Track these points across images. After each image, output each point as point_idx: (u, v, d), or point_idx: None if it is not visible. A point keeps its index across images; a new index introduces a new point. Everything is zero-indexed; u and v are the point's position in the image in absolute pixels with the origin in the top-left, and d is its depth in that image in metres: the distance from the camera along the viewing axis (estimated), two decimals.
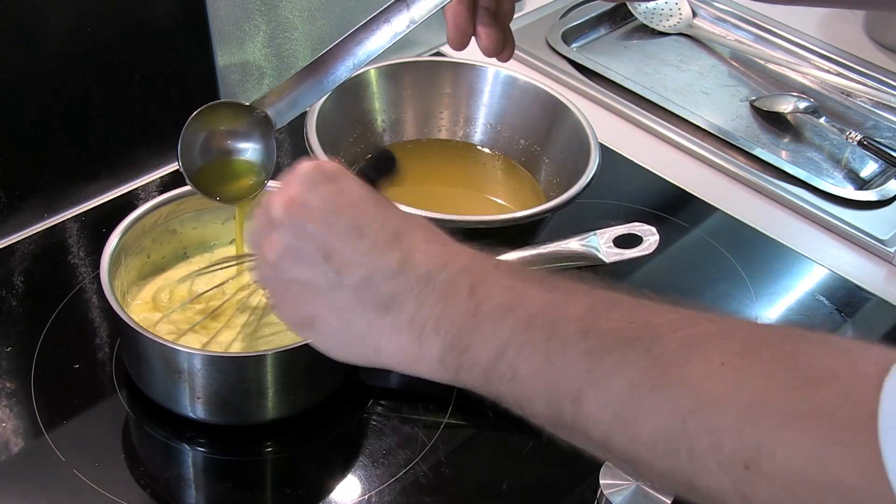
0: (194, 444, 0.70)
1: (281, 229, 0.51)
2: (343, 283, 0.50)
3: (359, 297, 0.50)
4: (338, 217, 0.51)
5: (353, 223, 0.51)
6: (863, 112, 1.11)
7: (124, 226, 0.71)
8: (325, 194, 0.51)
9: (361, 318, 0.50)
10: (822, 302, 0.87)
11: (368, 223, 0.51)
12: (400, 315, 0.49)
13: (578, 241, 0.76)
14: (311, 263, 0.50)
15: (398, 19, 0.65)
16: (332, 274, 0.50)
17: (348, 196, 0.52)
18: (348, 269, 0.50)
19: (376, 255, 0.50)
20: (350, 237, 0.50)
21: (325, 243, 0.50)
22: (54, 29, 0.79)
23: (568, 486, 0.69)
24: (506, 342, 0.47)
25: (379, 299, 0.49)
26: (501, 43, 0.70)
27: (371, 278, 0.50)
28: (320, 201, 0.51)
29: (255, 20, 0.94)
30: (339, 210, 0.51)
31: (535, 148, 0.93)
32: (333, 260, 0.50)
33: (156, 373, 0.68)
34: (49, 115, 0.83)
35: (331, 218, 0.51)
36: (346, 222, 0.51)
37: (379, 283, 0.49)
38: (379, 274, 0.50)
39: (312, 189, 0.51)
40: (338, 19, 1.02)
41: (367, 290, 0.50)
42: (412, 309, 0.49)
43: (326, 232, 0.50)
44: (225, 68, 0.94)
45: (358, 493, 0.67)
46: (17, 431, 0.69)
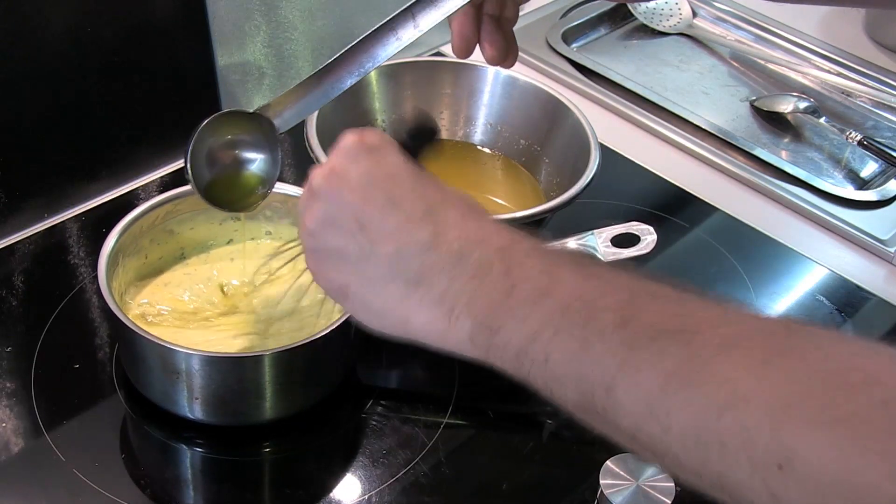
0: (193, 445, 0.70)
1: (321, 199, 0.53)
2: (375, 253, 0.50)
3: (390, 269, 0.50)
4: (374, 188, 0.52)
5: (389, 195, 0.51)
6: (863, 112, 1.11)
7: (122, 226, 0.71)
8: (365, 165, 0.52)
9: (392, 290, 0.50)
10: (822, 302, 0.87)
11: (404, 196, 0.51)
12: (430, 290, 0.49)
13: (576, 240, 0.76)
14: (347, 233, 0.51)
15: (405, 30, 0.65)
16: (366, 244, 0.51)
17: (387, 167, 0.53)
18: (381, 240, 0.50)
19: (409, 229, 0.50)
20: (385, 209, 0.51)
21: (361, 214, 0.51)
22: (54, 29, 0.79)
23: (568, 486, 0.69)
24: (541, 326, 0.46)
25: (409, 273, 0.50)
26: (505, 51, 0.71)
27: (402, 251, 0.50)
28: (359, 172, 0.52)
29: (255, 20, 0.94)
30: (376, 181, 0.52)
31: (535, 148, 0.93)
32: (368, 231, 0.51)
33: (154, 373, 0.68)
34: (49, 115, 0.83)
35: (368, 189, 0.52)
36: (383, 194, 0.51)
37: (409, 257, 0.50)
38: (410, 247, 0.50)
39: (353, 160, 0.53)
40: (338, 19, 1.02)
41: (397, 263, 0.50)
42: (443, 285, 0.49)
43: (362, 203, 0.51)
44: (225, 68, 0.94)
45: (358, 493, 0.67)
46: (17, 431, 0.69)
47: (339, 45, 1.02)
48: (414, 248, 0.50)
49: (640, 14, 1.21)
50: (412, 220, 0.50)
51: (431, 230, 0.50)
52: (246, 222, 0.78)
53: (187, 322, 0.72)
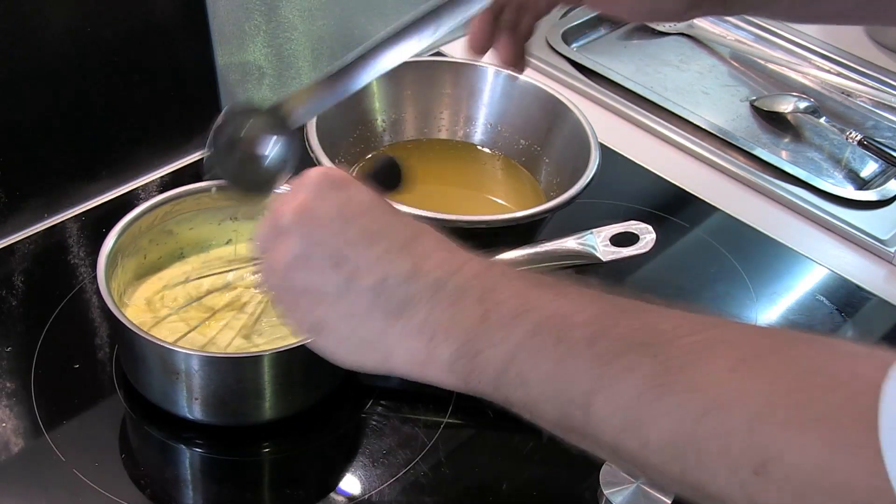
0: (193, 445, 0.70)
1: (290, 237, 0.51)
2: (354, 289, 0.50)
3: (370, 302, 0.50)
4: (349, 224, 0.51)
5: (364, 230, 0.51)
6: (863, 112, 1.11)
7: (121, 227, 0.71)
8: (335, 202, 0.51)
9: (372, 323, 0.50)
10: (822, 302, 0.87)
11: (379, 230, 0.51)
12: (411, 321, 0.49)
13: (575, 239, 0.76)
14: (321, 271, 0.50)
15: (426, 31, 0.65)
16: (342, 280, 0.50)
17: (358, 204, 0.52)
18: (360, 274, 0.50)
19: (388, 261, 0.50)
20: (361, 244, 0.50)
21: (336, 251, 0.50)
22: (54, 29, 0.79)
23: (568, 486, 0.69)
24: (515, 348, 0.47)
25: (390, 305, 0.50)
26: (515, 58, 0.74)
27: (383, 283, 0.50)
28: (330, 209, 0.51)
29: (255, 20, 0.94)
30: (349, 217, 0.51)
31: (536, 148, 0.93)
32: (344, 267, 0.50)
33: (153, 374, 0.68)
34: (49, 115, 0.83)
35: (341, 225, 0.51)
36: (358, 229, 0.51)
37: (391, 289, 0.50)
38: (391, 279, 0.50)
39: (322, 197, 0.51)
40: (338, 19, 1.02)
41: (378, 296, 0.50)
42: (423, 314, 0.49)
43: (337, 239, 0.50)
44: (225, 68, 0.94)
45: (358, 494, 0.67)
46: (17, 431, 0.69)
47: (340, 44, 1.03)
48: (394, 280, 0.50)
49: None
50: (390, 253, 0.50)
51: (411, 262, 0.50)
52: (245, 222, 0.78)
53: (186, 322, 0.72)
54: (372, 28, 1.06)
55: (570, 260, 0.76)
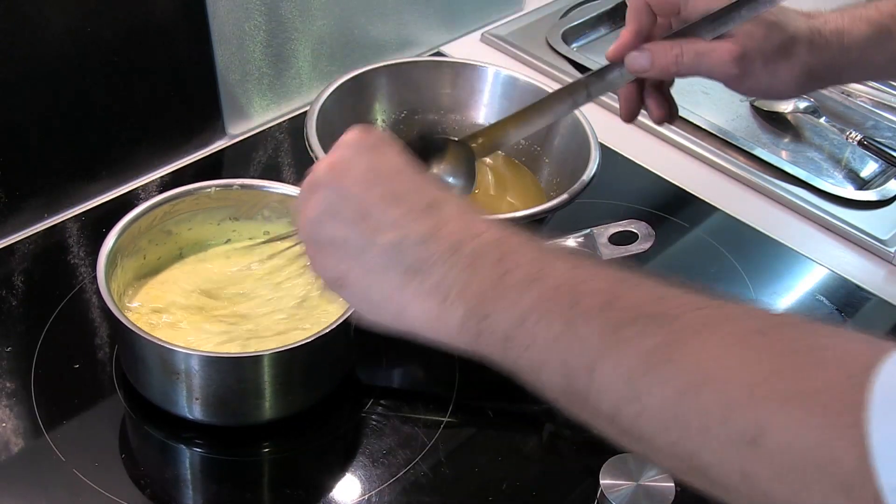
0: (193, 445, 0.70)
1: (323, 189, 0.53)
2: (374, 245, 0.51)
3: (389, 259, 0.51)
4: (377, 182, 0.53)
5: (391, 189, 0.52)
6: (863, 112, 1.11)
7: (120, 227, 0.71)
8: (369, 159, 0.53)
9: (389, 279, 0.51)
10: (822, 302, 0.87)
11: (406, 191, 0.52)
12: (426, 280, 0.50)
13: (575, 238, 0.76)
14: (348, 223, 0.52)
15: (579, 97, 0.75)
16: (367, 234, 0.51)
17: (390, 164, 0.54)
18: (381, 231, 0.51)
19: (409, 221, 0.51)
20: (386, 202, 0.52)
21: (363, 205, 0.52)
22: (54, 29, 0.79)
23: (568, 486, 0.69)
24: (528, 310, 0.47)
25: (407, 263, 0.51)
26: (669, 111, 0.77)
27: (402, 242, 0.51)
28: (363, 166, 0.53)
29: (255, 20, 0.94)
30: (379, 175, 0.53)
31: (536, 148, 0.93)
32: (368, 222, 0.52)
33: (153, 374, 0.68)
34: (49, 115, 0.83)
35: (370, 182, 0.52)
36: (385, 187, 0.52)
37: (409, 248, 0.51)
38: (410, 238, 0.51)
39: (357, 154, 0.54)
40: (338, 19, 1.02)
41: (397, 254, 0.51)
42: (439, 275, 0.50)
43: (365, 194, 0.52)
44: (225, 68, 0.94)
45: (358, 493, 0.67)
46: (17, 431, 0.69)
47: (340, 44, 1.04)
48: (413, 239, 0.51)
49: None
50: (413, 213, 0.51)
51: (431, 223, 0.51)
52: (244, 222, 0.78)
53: (186, 322, 0.72)
54: (372, 28, 1.06)
55: None
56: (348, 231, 0.52)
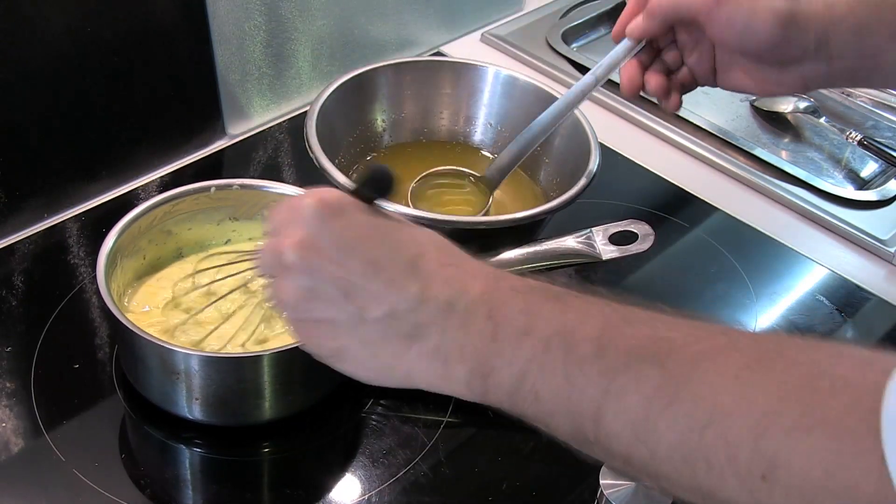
0: (193, 445, 0.70)
1: (297, 273, 0.51)
2: (366, 319, 0.51)
3: (384, 329, 0.51)
4: (351, 253, 0.51)
5: (367, 258, 0.51)
6: (863, 112, 1.11)
7: (120, 227, 0.71)
8: (335, 231, 0.51)
9: (389, 349, 0.51)
10: (822, 302, 0.87)
11: (382, 255, 0.51)
12: (426, 344, 0.50)
13: (575, 238, 0.76)
14: (333, 303, 0.51)
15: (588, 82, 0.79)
16: (355, 310, 0.51)
17: (357, 229, 0.52)
18: (369, 305, 0.50)
19: (396, 288, 0.50)
20: (366, 273, 0.51)
21: (343, 282, 0.51)
22: (54, 29, 0.79)
23: (568, 486, 0.69)
24: (526, 365, 0.48)
25: (404, 331, 0.50)
26: (666, 89, 0.77)
27: (393, 312, 0.50)
28: (331, 239, 0.51)
29: (255, 20, 0.94)
30: (351, 246, 0.51)
31: (536, 148, 0.92)
32: (354, 297, 0.51)
33: (153, 374, 0.68)
34: (49, 116, 0.83)
35: (344, 255, 0.51)
36: (360, 258, 0.51)
37: (402, 315, 0.50)
38: (401, 306, 0.50)
39: (321, 227, 0.51)
40: (338, 19, 1.02)
41: (391, 323, 0.50)
42: (436, 338, 0.50)
43: (342, 270, 0.51)
44: (225, 68, 0.94)
45: (357, 493, 0.67)
46: (17, 431, 0.69)
47: (340, 44, 1.04)
48: (404, 307, 0.50)
49: None
50: (396, 280, 0.50)
51: (417, 286, 0.50)
52: (244, 222, 0.78)
53: (185, 322, 0.72)
54: (372, 28, 1.06)
55: (569, 258, 0.76)
56: (335, 311, 0.51)
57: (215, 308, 0.72)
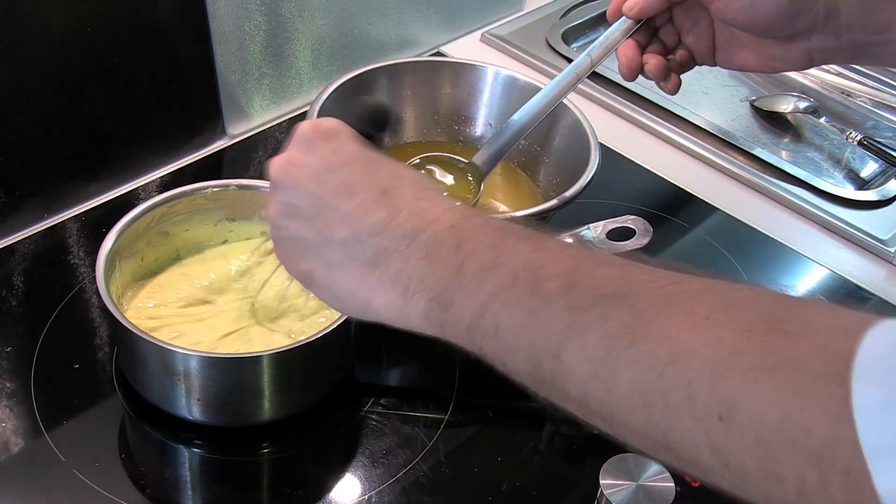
0: (192, 445, 0.70)
1: (280, 189, 0.54)
2: (332, 239, 0.51)
3: (347, 253, 0.51)
4: (330, 175, 0.52)
5: (344, 181, 0.52)
6: (863, 112, 1.11)
7: (118, 229, 0.71)
8: (321, 153, 0.53)
9: (350, 274, 0.51)
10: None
11: (358, 181, 0.52)
12: (386, 271, 0.50)
13: (571, 234, 0.76)
14: (305, 220, 0.52)
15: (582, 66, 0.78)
16: (324, 230, 0.52)
17: (342, 154, 0.53)
18: (336, 226, 0.51)
19: (363, 213, 0.51)
20: (340, 195, 0.52)
21: (317, 201, 0.52)
22: (54, 29, 0.79)
23: (568, 486, 0.69)
24: (489, 298, 0.47)
25: (365, 256, 0.51)
26: (664, 72, 0.76)
27: (357, 235, 0.51)
28: (315, 160, 0.53)
29: (255, 20, 0.94)
30: (331, 168, 0.53)
31: (536, 148, 0.92)
32: (324, 217, 0.52)
33: (153, 375, 0.68)
34: (49, 115, 0.83)
35: (323, 176, 0.52)
36: (338, 180, 0.52)
37: (365, 240, 0.51)
38: (365, 231, 0.51)
39: (309, 149, 0.54)
40: (338, 19, 1.02)
41: (354, 247, 0.51)
42: (397, 265, 0.50)
43: (319, 190, 0.52)
44: (225, 68, 0.94)
45: (358, 493, 0.67)
46: (17, 431, 0.69)
47: (340, 44, 1.04)
48: (368, 231, 0.51)
49: None
50: (366, 205, 0.51)
51: (385, 213, 0.51)
52: (241, 223, 0.78)
53: (184, 323, 0.72)
54: (372, 28, 1.06)
55: None
56: (307, 229, 0.52)
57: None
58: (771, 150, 1.03)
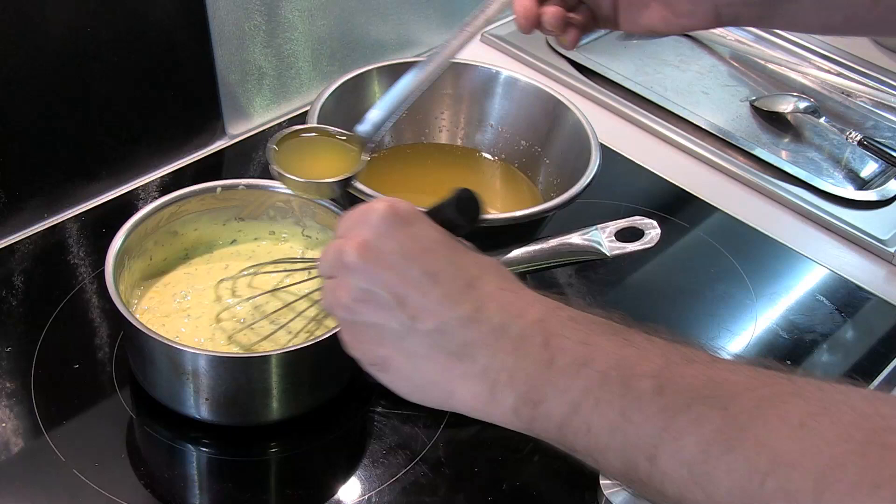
0: (196, 445, 0.70)
1: (355, 274, 0.51)
2: (416, 329, 0.50)
3: (432, 344, 0.50)
4: (411, 263, 0.51)
5: (427, 269, 0.51)
6: (863, 112, 1.11)
7: (127, 228, 0.71)
8: (400, 239, 0.51)
9: (434, 364, 0.50)
10: (822, 302, 0.87)
11: (442, 270, 0.51)
12: (474, 364, 0.49)
13: (580, 235, 0.75)
14: (385, 309, 0.51)
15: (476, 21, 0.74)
16: (406, 320, 0.50)
17: (422, 241, 0.52)
18: (421, 316, 0.50)
19: (449, 303, 0.50)
20: (423, 284, 0.50)
21: (399, 289, 0.50)
22: (54, 29, 0.79)
23: (568, 486, 0.69)
24: (581, 396, 0.47)
25: (452, 347, 0.50)
26: (563, 21, 0.73)
27: (444, 326, 0.50)
28: (394, 246, 0.51)
29: (255, 20, 0.94)
30: (412, 256, 0.51)
31: (536, 148, 0.92)
32: (407, 306, 0.50)
33: (163, 374, 0.68)
34: (49, 116, 0.83)
35: (404, 264, 0.51)
36: (420, 268, 0.51)
37: (452, 332, 0.49)
38: (452, 322, 0.50)
39: (386, 233, 0.52)
40: (338, 19, 1.02)
41: (440, 338, 0.50)
42: (485, 359, 0.49)
43: (399, 278, 0.50)
44: (225, 68, 0.94)
45: (358, 493, 0.67)
46: (17, 431, 0.69)
47: (340, 45, 1.04)
48: (455, 323, 0.49)
49: None
50: (452, 295, 0.50)
51: (472, 305, 0.50)
52: (249, 222, 0.78)
53: (192, 322, 0.72)
54: (372, 28, 1.06)
55: (575, 256, 0.75)
56: (387, 317, 0.51)
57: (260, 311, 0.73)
58: (771, 150, 1.03)
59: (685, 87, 1.13)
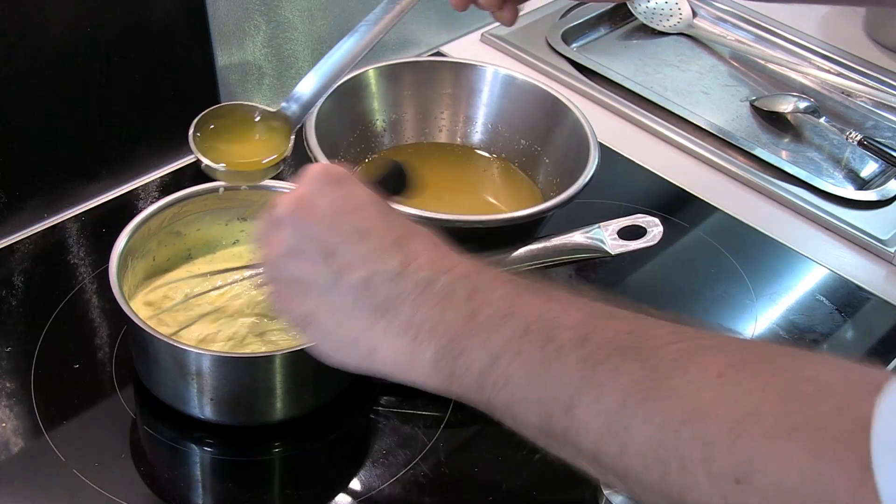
0: (198, 444, 0.70)
1: (285, 228, 0.52)
2: (341, 283, 0.50)
3: (356, 298, 0.50)
4: (342, 219, 0.51)
5: (357, 226, 0.51)
6: (863, 112, 1.11)
7: (131, 228, 0.71)
8: (332, 196, 0.52)
9: (357, 319, 0.50)
10: (822, 302, 0.87)
11: (372, 226, 0.51)
12: (396, 319, 0.49)
13: (583, 233, 0.75)
14: (312, 263, 0.51)
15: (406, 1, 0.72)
16: (332, 274, 0.50)
17: (354, 200, 0.52)
18: (348, 269, 0.50)
19: (377, 258, 0.50)
20: (352, 239, 0.51)
21: (327, 244, 0.51)
22: (54, 29, 0.79)
23: (568, 486, 0.68)
24: (501, 348, 0.47)
25: (376, 302, 0.50)
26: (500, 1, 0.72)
27: (370, 280, 0.50)
28: (326, 203, 0.52)
29: (255, 20, 0.94)
30: (343, 212, 0.52)
31: (535, 148, 0.93)
32: (334, 260, 0.50)
33: (167, 374, 0.67)
34: (49, 115, 0.83)
35: (334, 219, 0.51)
36: (350, 224, 0.51)
37: (377, 286, 0.50)
38: (378, 276, 0.50)
39: (320, 191, 0.52)
40: (338, 19, 1.02)
41: (364, 292, 0.50)
42: (408, 313, 0.49)
43: (329, 233, 0.51)
44: (225, 68, 0.94)
45: (359, 493, 0.67)
46: (17, 431, 0.69)
47: None
48: (382, 277, 0.50)
49: (640, 14, 1.21)
50: (380, 249, 0.50)
51: (400, 259, 0.50)
52: (252, 223, 0.78)
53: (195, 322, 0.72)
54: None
55: (578, 254, 0.75)
56: (314, 269, 0.51)
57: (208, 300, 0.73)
58: (771, 150, 1.03)
59: (685, 87, 1.13)
